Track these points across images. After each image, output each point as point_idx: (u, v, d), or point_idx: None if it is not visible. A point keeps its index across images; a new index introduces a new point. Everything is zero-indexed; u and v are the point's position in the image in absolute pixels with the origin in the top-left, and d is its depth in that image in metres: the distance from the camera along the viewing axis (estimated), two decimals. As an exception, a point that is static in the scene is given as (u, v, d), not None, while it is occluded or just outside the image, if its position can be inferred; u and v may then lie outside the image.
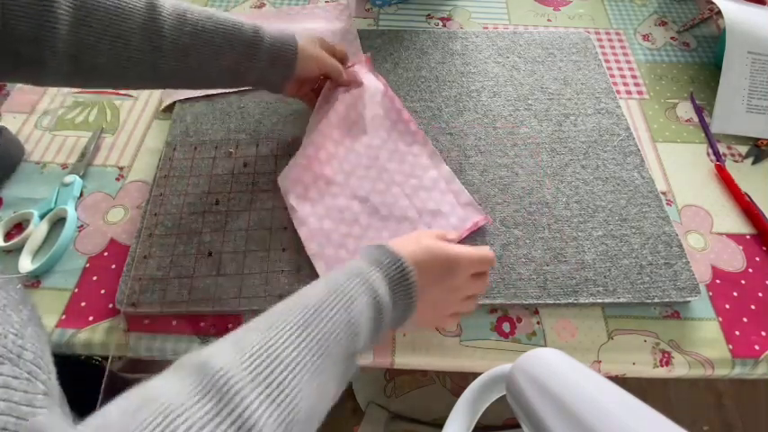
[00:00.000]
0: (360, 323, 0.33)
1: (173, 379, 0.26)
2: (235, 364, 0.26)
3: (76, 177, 0.57)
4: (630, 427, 0.21)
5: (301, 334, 0.30)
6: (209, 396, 0.24)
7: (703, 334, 0.48)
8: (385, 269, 0.37)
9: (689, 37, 0.77)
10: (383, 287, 0.36)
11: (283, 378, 0.27)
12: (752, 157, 0.62)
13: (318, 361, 0.29)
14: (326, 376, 0.29)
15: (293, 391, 0.27)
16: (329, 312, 0.32)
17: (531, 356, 0.28)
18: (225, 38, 0.47)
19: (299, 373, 0.28)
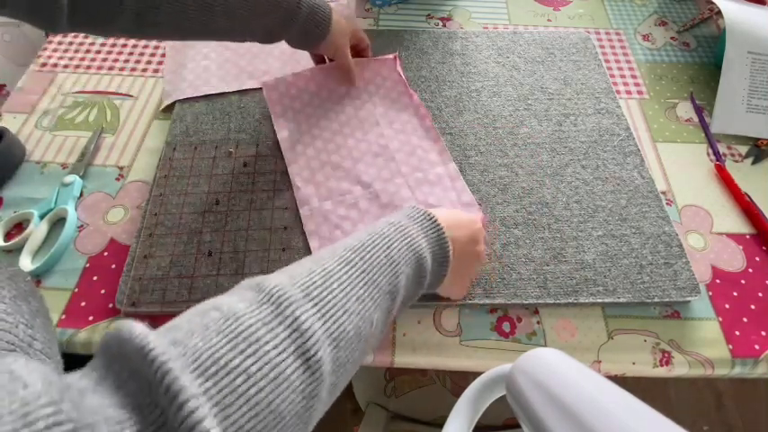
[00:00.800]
0: (399, 262, 0.35)
1: (233, 295, 0.28)
2: (288, 284, 0.29)
3: (76, 177, 0.57)
4: (630, 427, 0.21)
5: (345, 266, 0.32)
6: (268, 304, 0.27)
7: (703, 334, 0.48)
8: (420, 223, 0.39)
9: (689, 37, 0.77)
10: (420, 236, 0.38)
11: (331, 298, 0.29)
12: (752, 157, 0.62)
13: (362, 290, 0.32)
14: (371, 304, 0.32)
15: (340, 310, 0.29)
16: (370, 251, 0.34)
17: (531, 356, 0.28)
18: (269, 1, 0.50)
19: (345, 297, 0.30)
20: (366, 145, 0.60)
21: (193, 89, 0.66)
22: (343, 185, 0.56)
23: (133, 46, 0.73)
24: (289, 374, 0.25)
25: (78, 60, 0.71)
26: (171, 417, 0.21)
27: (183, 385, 0.21)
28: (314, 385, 0.27)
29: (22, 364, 0.20)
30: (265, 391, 0.24)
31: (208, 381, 0.22)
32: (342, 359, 0.29)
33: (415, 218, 0.40)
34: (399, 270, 0.35)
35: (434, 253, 0.39)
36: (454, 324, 0.49)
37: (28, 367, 0.20)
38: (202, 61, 0.69)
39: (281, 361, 0.25)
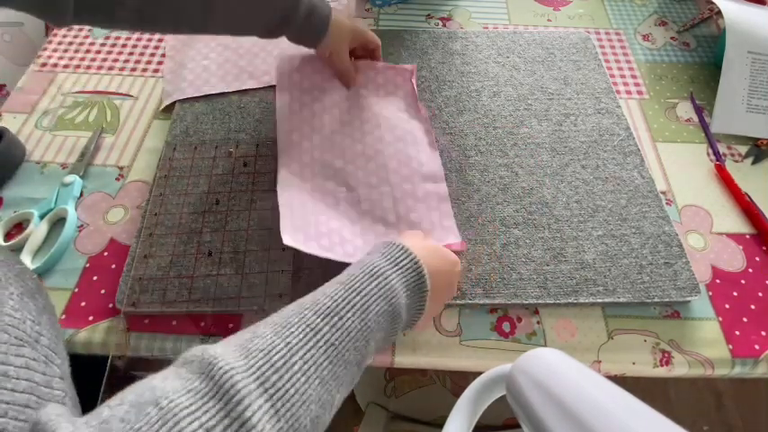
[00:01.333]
0: (373, 330, 0.32)
1: (180, 377, 0.26)
2: (243, 367, 0.26)
3: (76, 177, 0.57)
4: (630, 427, 0.21)
5: (313, 338, 0.29)
6: (215, 400, 0.24)
7: (703, 334, 0.48)
8: (405, 273, 0.36)
9: (689, 37, 0.77)
10: (401, 293, 0.35)
11: (290, 387, 0.26)
12: (752, 157, 0.62)
13: (326, 370, 0.29)
14: (334, 385, 0.29)
15: (298, 402, 0.26)
16: (344, 316, 0.31)
17: (531, 356, 0.28)
18: None
19: (306, 382, 0.27)
20: (361, 147, 0.59)
21: (193, 89, 0.66)
22: (328, 185, 0.55)
23: (133, 46, 0.73)
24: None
25: (78, 60, 0.71)
26: None
27: None
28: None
29: None
30: None
31: None
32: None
33: (401, 265, 0.36)
34: (372, 337, 0.32)
35: (410, 308, 0.37)
36: (454, 324, 0.49)
37: None
38: (202, 61, 0.69)
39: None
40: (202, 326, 0.48)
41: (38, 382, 0.29)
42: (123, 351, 0.47)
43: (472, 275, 0.50)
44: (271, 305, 0.48)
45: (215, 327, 0.48)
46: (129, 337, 0.47)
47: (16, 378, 0.27)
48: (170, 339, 0.47)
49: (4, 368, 0.27)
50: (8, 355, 0.28)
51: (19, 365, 0.28)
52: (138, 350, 0.47)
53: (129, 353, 0.47)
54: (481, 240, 0.53)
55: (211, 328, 0.48)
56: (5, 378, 0.27)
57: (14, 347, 0.29)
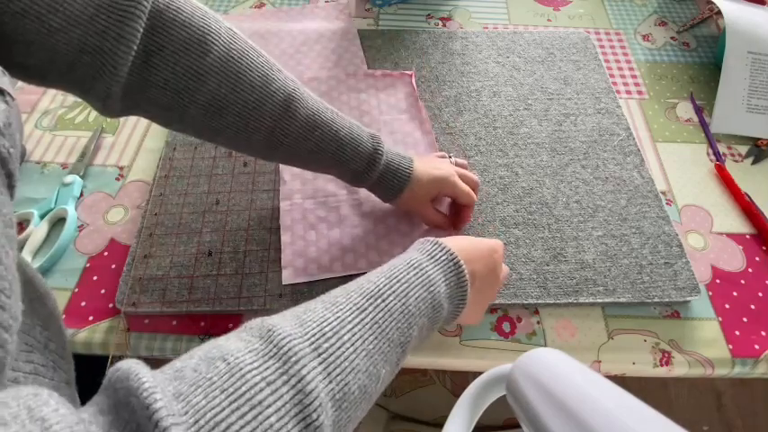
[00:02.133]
0: (413, 314, 0.34)
1: (241, 341, 0.27)
2: (298, 334, 0.28)
3: (76, 177, 0.57)
4: (630, 427, 0.21)
5: (358, 316, 0.31)
6: (275, 359, 0.26)
7: (703, 334, 0.48)
8: (441, 264, 0.38)
9: (689, 37, 0.77)
10: (440, 282, 0.37)
11: (340, 354, 0.28)
12: (752, 157, 0.62)
13: (372, 344, 0.31)
14: (380, 358, 0.31)
15: (348, 368, 0.28)
16: (386, 299, 0.33)
17: (531, 356, 0.28)
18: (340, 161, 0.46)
19: (354, 353, 0.29)
20: None
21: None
22: (329, 187, 0.56)
23: (133, 46, 0.73)
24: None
25: (78, 60, 0.71)
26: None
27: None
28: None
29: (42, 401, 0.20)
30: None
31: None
32: (343, 420, 0.28)
33: (437, 258, 0.38)
34: (414, 321, 0.34)
35: (452, 297, 0.38)
36: (454, 324, 0.49)
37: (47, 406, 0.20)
38: (202, 61, 0.69)
39: (280, 426, 0.24)
40: (202, 326, 0.48)
41: None
42: (123, 351, 0.47)
43: (472, 275, 0.50)
44: (271, 305, 0.48)
45: (215, 327, 0.48)
46: (129, 337, 0.47)
47: (25, 384, 0.28)
48: (170, 339, 0.47)
49: (14, 375, 0.27)
50: (18, 362, 0.28)
51: (28, 372, 0.29)
52: (138, 350, 0.47)
53: (129, 353, 0.47)
54: (481, 240, 0.53)
55: (211, 328, 0.48)
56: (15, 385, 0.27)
57: (24, 354, 0.29)
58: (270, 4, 0.80)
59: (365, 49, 0.71)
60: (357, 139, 0.46)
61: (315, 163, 0.47)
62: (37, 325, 0.32)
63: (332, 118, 0.45)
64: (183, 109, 0.39)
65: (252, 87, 0.40)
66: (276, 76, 0.42)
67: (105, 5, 0.32)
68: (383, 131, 0.62)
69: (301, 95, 0.43)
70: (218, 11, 0.78)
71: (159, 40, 0.36)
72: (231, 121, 0.41)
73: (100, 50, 0.33)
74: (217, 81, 0.38)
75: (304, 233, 0.53)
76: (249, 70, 0.40)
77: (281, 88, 0.42)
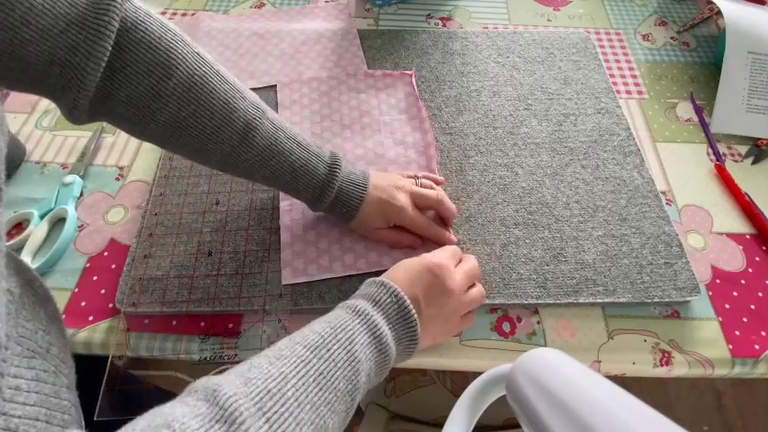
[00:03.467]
0: (360, 360, 0.34)
1: (187, 404, 0.27)
2: (243, 393, 0.28)
3: (76, 177, 0.57)
4: (630, 426, 0.21)
5: (302, 369, 0.31)
6: (221, 422, 0.26)
7: (703, 334, 0.48)
8: (385, 308, 0.38)
9: (689, 37, 0.77)
10: (384, 326, 0.37)
11: (284, 411, 0.29)
12: (752, 157, 0.62)
13: (317, 396, 0.31)
14: (326, 409, 0.31)
15: (292, 424, 0.29)
16: (330, 349, 0.33)
17: (531, 356, 0.28)
18: (294, 189, 0.48)
19: (299, 407, 0.30)
20: (363, 151, 0.60)
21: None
22: None
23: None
24: None
25: (78, 60, 0.71)
26: None
27: None
28: None
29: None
30: None
31: None
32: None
33: (381, 302, 0.38)
34: (360, 368, 0.34)
35: (399, 339, 0.38)
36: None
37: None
38: (202, 61, 0.69)
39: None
40: (202, 326, 0.48)
41: (47, 394, 0.29)
42: (123, 351, 0.47)
43: (472, 275, 0.50)
44: (271, 305, 0.48)
45: (215, 327, 0.48)
46: (129, 337, 0.47)
47: (27, 391, 0.28)
48: (170, 339, 0.47)
49: (16, 382, 0.27)
50: (20, 368, 0.28)
51: (30, 378, 0.29)
52: (138, 350, 0.47)
53: (129, 353, 0.47)
54: (481, 240, 0.53)
55: (211, 328, 0.48)
56: (18, 392, 0.27)
57: (26, 360, 0.29)
58: (270, 4, 0.80)
59: (365, 49, 0.71)
60: (312, 171, 0.47)
61: (272, 186, 0.49)
62: (39, 329, 0.32)
63: (290, 148, 0.45)
64: (145, 125, 0.40)
65: (211, 113, 0.41)
66: (237, 104, 0.42)
67: (76, 22, 0.33)
68: (383, 131, 0.62)
69: (261, 124, 0.44)
70: (219, 11, 0.78)
71: (124, 58, 0.36)
72: (190, 141, 0.42)
73: (69, 64, 0.34)
74: (177, 104, 0.39)
75: (304, 233, 0.53)
76: (210, 96, 0.41)
77: (242, 116, 0.42)
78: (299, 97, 0.65)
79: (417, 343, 0.39)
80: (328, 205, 0.49)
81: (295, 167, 0.46)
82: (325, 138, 0.61)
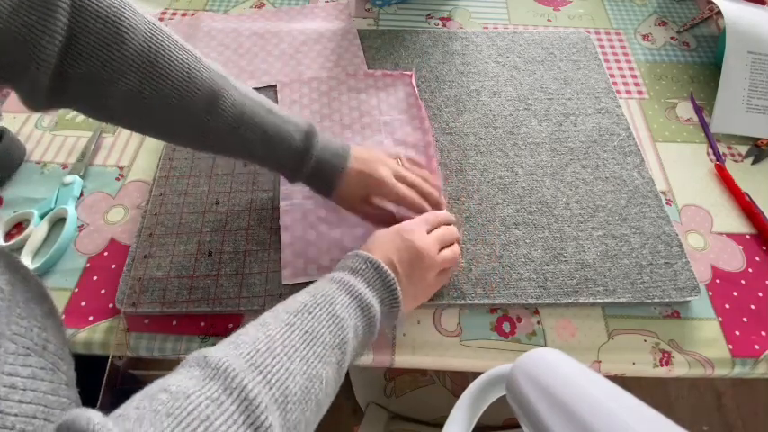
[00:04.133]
0: (343, 317, 0.36)
1: (180, 374, 0.28)
2: (233, 355, 0.29)
3: (76, 177, 0.57)
4: (630, 426, 0.21)
5: (288, 330, 0.33)
6: (215, 379, 0.27)
7: (703, 334, 0.48)
8: (362, 273, 0.40)
9: (689, 37, 0.77)
10: (363, 287, 0.39)
11: (275, 363, 0.30)
12: (752, 157, 0.62)
13: (306, 350, 0.32)
14: (316, 361, 0.32)
15: (285, 374, 0.30)
16: (312, 311, 0.35)
17: (531, 356, 0.28)
18: (270, 159, 0.46)
19: (288, 360, 0.31)
20: None
21: (193, 89, 0.66)
22: None
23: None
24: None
25: (78, 60, 0.71)
26: None
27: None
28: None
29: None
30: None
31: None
32: (293, 420, 0.29)
33: (357, 269, 0.40)
34: (345, 324, 0.35)
35: (383, 299, 0.40)
36: (454, 324, 0.49)
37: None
38: (202, 61, 0.69)
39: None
40: (202, 326, 0.48)
41: (44, 391, 0.29)
42: (123, 351, 0.47)
43: (472, 275, 0.50)
44: (271, 305, 0.48)
45: (215, 327, 0.48)
46: (129, 337, 0.47)
47: (23, 389, 0.28)
48: (170, 339, 0.47)
49: (11, 380, 0.27)
50: (15, 366, 0.28)
51: (26, 376, 0.29)
52: (138, 350, 0.47)
53: (129, 353, 0.47)
54: (481, 240, 0.53)
55: (211, 328, 0.48)
56: (13, 390, 0.27)
57: (21, 357, 0.29)
58: (270, 4, 0.80)
59: (365, 49, 0.71)
60: (288, 139, 0.45)
61: (248, 159, 0.48)
62: (34, 326, 0.32)
63: (261, 115, 0.44)
64: (103, 102, 0.38)
65: (172, 83, 0.39)
66: (201, 73, 0.40)
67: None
68: (383, 131, 0.62)
69: (227, 92, 0.42)
70: (219, 11, 0.78)
71: (75, 31, 0.35)
72: (154, 117, 0.41)
73: (26, 42, 0.33)
74: (134, 75, 0.38)
75: (304, 233, 0.53)
76: (169, 65, 0.39)
77: (206, 84, 0.41)
78: (299, 97, 0.65)
79: (399, 301, 0.41)
80: (308, 175, 0.47)
81: (269, 135, 0.44)
82: None
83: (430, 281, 0.45)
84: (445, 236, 0.47)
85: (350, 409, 0.88)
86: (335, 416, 0.34)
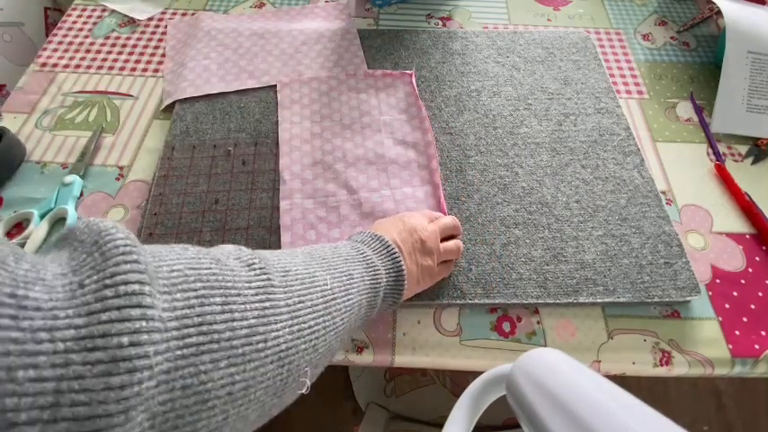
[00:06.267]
0: (353, 275, 0.37)
1: None
2: (263, 255, 0.31)
3: (76, 177, 0.57)
4: (630, 426, 0.21)
5: (306, 258, 0.35)
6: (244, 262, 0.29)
7: (703, 333, 0.48)
8: (369, 243, 0.42)
9: (689, 37, 0.77)
10: (369, 252, 0.40)
11: (291, 267, 0.32)
12: (752, 157, 0.62)
13: (323, 270, 0.34)
14: (329, 277, 0.34)
15: (307, 279, 0.32)
16: (324, 257, 0.36)
17: (531, 356, 0.28)
18: None
19: (306, 270, 0.32)
20: (363, 151, 0.60)
21: (194, 89, 0.66)
22: (329, 187, 0.56)
23: (133, 46, 0.73)
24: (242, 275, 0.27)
25: (78, 60, 0.71)
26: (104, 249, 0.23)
27: None
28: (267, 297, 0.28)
29: None
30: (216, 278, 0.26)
31: None
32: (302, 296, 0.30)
33: (365, 241, 0.42)
34: (351, 267, 0.37)
35: (388, 269, 0.41)
36: (454, 324, 0.49)
37: None
38: (203, 61, 0.69)
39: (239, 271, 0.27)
40: (202, 326, 0.48)
41: None
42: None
43: (472, 275, 0.50)
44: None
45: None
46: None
47: None
48: (170, 339, 0.47)
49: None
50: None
51: None
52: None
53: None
54: (481, 240, 0.53)
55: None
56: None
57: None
58: (270, 4, 0.80)
59: (365, 49, 0.71)
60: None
61: None
62: None
63: None
64: None
65: None
66: None
67: None
68: (383, 131, 0.62)
69: None
70: (219, 11, 0.78)
71: None
72: None
73: None
74: None
75: (304, 233, 0.53)
76: None
77: None
78: (299, 97, 0.65)
79: (404, 276, 0.41)
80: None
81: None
82: (325, 138, 0.61)
83: (431, 266, 0.45)
84: (447, 226, 0.49)
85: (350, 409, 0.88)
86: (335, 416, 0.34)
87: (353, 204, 0.55)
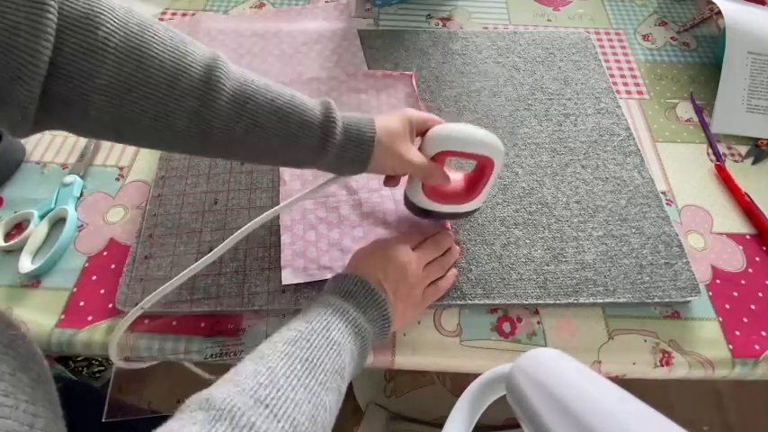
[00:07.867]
0: (339, 343, 0.36)
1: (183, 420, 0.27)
2: (236, 392, 0.29)
3: (76, 177, 0.57)
4: (630, 426, 0.21)
5: (288, 360, 0.33)
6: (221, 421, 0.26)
7: (703, 334, 0.48)
8: (354, 296, 0.40)
9: (689, 37, 0.77)
10: (355, 312, 0.39)
11: (281, 395, 0.30)
12: (752, 157, 0.62)
13: (308, 378, 0.32)
14: (320, 389, 0.32)
15: (291, 404, 0.30)
16: (309, 339, 0.35)
17: (531, 356, 0.28)
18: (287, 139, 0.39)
19: (293, 390, 0.31)
20: None
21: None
22: (329, 187, 0.56)
23: (133, 46, 0.73)
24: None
25: (78, 60, 0.71)
26: None
27: None
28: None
29: None
30: None
31: None
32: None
33: (349, 291, 0.40)
34: (341, 349, 0.36)
35: (374, 319, 0.40)
36: (454, 324, 0.49)
37: None
38: (202, 61, 0.69)
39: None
40: (203, 326, 0.48)
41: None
42: (123, 351, 0.47)
43: (472, 275, 0.50)
44: (271, 305, 0.48)
45: (215, 327, 0.48)
46: (129, 337, 0.47)
47: None
48: (170, 340, 0.47)
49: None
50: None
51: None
52: (139, 351, 0.47)
53: (129, 353, 0.47)
54: (481, 240, 0.53)
55: (212, 328, 0.48)
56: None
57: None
58: (270, 4, 0.80)
59: (365, 50, 0.71)
60: (301, 107, 0.39)
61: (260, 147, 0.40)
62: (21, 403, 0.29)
63: (265, 85, 0.38)
64: (85, 99, 0.33)
65: (161, 62, 0.34)
66: (189, 48, 0.36)
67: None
68: None
69: (225, 65, 0.37)
70: (219, 11, 0.78)
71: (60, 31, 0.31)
72: (144, 107, 0.35)
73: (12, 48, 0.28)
74: (115, 59, 0.32)
75: (304, 233, 0.53)
76: (154, 44, 0.34)
77: (198, 60, 0.35)
78: None
79: (390, 320, 0.41)
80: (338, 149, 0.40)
81: (278, 105, 0.38)
82: None
83: (416, 298, 0.45)
84: (430, 251, 0.48)
85: (350, 409, 0.88)
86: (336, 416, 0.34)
87: (353, 204, 0.55)
